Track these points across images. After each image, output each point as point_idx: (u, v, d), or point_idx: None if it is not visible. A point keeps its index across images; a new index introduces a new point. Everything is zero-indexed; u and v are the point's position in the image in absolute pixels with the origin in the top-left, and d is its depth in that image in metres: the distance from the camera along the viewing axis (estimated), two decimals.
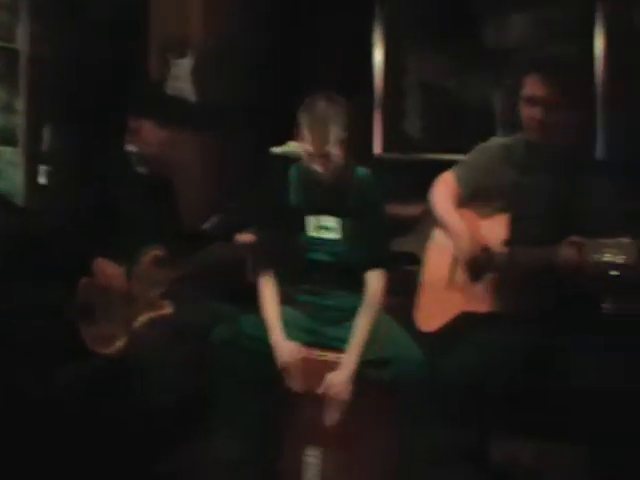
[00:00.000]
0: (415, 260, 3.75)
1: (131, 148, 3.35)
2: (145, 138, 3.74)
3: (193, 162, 4.60)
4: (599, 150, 4.19)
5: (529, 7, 4.47)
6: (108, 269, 3.62)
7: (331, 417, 3.25)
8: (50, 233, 3.92)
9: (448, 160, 3.59)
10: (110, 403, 3.46)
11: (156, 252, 3.74)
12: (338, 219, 3.38)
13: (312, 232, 3.41)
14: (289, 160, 3.31)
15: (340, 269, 3.39)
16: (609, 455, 2.91)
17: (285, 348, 3.29)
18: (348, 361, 3.24)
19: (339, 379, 3.22)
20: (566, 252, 2.85)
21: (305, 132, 3.25)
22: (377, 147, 4.76)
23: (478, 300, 3.13)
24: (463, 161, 3.40)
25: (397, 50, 4.72)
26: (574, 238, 2.83)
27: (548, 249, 2.91)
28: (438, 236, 3.43)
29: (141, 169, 3.80)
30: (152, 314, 3.65)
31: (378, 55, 4.73)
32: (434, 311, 3.34)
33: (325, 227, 3.40)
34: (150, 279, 3.69)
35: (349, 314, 3.37)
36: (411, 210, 4.09)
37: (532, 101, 3.03)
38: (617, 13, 4.29)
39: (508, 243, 2.87)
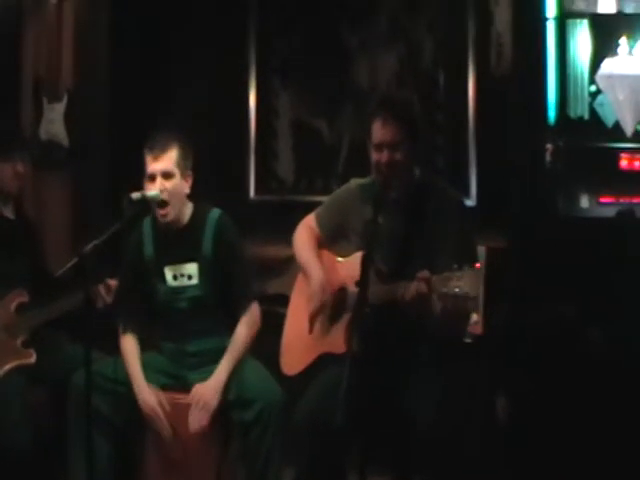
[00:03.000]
0: (287, 302, 3.74)
1: None
2: (4, 180, 3.69)
3: (57, 205, 4.55)
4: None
5: (395, 48, 4.55)
6: None
7: (195, 424, 3.23)
8: None
9: (319, 202, 3.59)
10: None
11: (19, 298, 3.67)
12: (195, 265, 3.38)
13: (171, 281, 3.40)
14: (147, 205, 3.27)
15: (199, 314, 3.39)
16: None
17: (148, 396, 3.29)
18: (219, 372, 3.28)
19: (207, 386, 3.25)
20: (415, 288, 2.87)
21: (148, 179, 3.30)
22: (250, 189, 4.76)
23: (336, 341, 3.13)
24: (323, 203, 3.43)
25: (269, 91, 4.74)
26: (422, 274, 2.85)
27: (397, 286, 2.95)
28: (301, 280, 3.42)
29: (3, 212, 3.75)
30: (15, 363, 3.58)
31: (251, 97, 4.74)
32: (296, 354, 3.32)
33: (183, 275, 3.39)
34: (12, 326, 3.62)
35: (209, 359, 3.37)
36: (284, 252, 4.08)
37: (378, 146, 3.06)
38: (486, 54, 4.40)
39: (360, 283, 2.87)
